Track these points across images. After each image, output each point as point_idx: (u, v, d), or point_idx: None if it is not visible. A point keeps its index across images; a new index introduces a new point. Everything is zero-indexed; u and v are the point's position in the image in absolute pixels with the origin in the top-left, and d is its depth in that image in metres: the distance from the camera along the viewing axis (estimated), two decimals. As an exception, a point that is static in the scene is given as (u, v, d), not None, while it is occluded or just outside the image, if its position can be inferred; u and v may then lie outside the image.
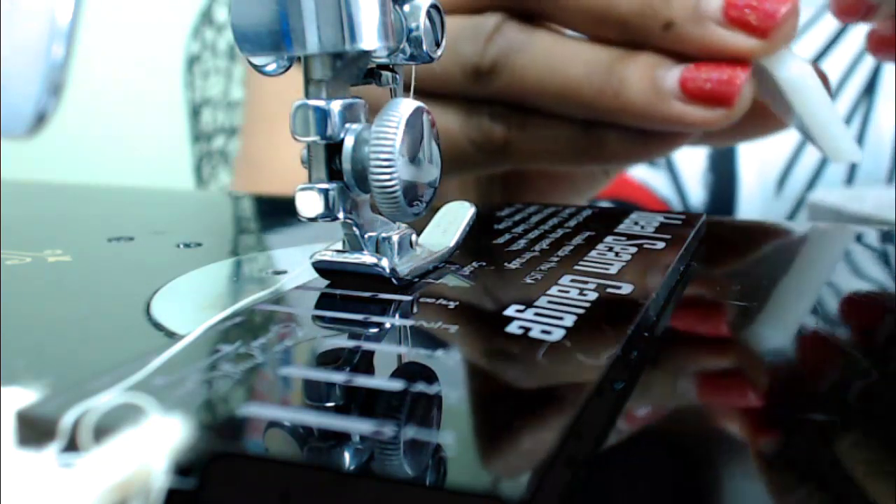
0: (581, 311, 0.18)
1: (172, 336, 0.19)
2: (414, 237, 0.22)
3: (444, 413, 0.14)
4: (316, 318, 0.18)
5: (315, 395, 0.15)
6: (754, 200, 0.54)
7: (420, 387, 0.14)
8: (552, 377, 0.15)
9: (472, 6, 0.31)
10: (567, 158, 0.32)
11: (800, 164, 0.54)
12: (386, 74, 0.21)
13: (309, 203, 0.20)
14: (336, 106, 0.19)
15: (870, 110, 0.54)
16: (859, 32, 0.52)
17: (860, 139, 0.54)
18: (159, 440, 0.12)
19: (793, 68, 0.29)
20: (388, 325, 0.18)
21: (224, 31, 0.91)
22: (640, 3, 0.28)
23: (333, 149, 0.20)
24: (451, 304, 0.19)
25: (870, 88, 0.55)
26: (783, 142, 0.53)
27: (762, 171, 0.54)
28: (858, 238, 0.31)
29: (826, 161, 0.53)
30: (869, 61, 0.54)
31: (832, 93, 0.30)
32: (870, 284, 0.26)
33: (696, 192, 0.56)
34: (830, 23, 0.53)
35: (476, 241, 0.25)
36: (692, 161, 0.56)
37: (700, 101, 0.28)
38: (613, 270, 0.22)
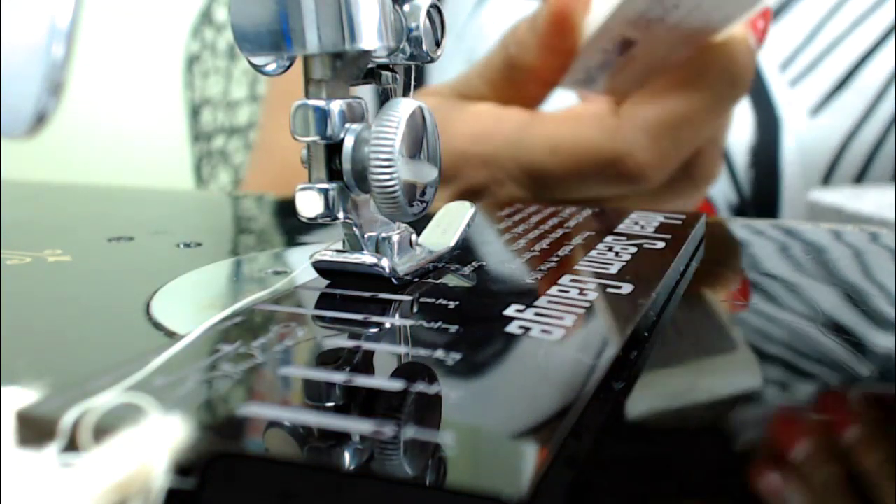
0: (581, 311, 0.18)
1: (172, 336, 0.19)
2: (414, 237, 0.22)
3: (444, 413, 0.14)
4: (316, 318, 0.18)
5: (315, 395, 0.15)
6: (798, 197, 0.53)
7: (420, 387, 0.14)
8: (552, 377, 0.15)
9: None
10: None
11: (846, 159, 0.53)
12: (386, 74, 0.21)
13: (309, 203, 0.20)
14: (336, 106, 0.19)
15: None
16: None
17: None
18: (159, 440, 0.12)
19: None
20: (388, 325, 0.18)
21: (224, 30, 0.91)
22: None
23: (333, 149, 0.20)
24: (451, 304, 0.19)
25: None
26: (829, 136, 0.52)
27: (806, 167, 0.53)
28: (858, 238, 0.31)
29: (874, 156, 0.52)
30: None
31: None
32: (870, 283, 0.26)
33: (741, 188, 0.55)
34: (888, 12, 0.52)
35: (476, 241, 0.25)
36: (734, 156, 0.55)
37: None
38: (613, 270, 0.22)
